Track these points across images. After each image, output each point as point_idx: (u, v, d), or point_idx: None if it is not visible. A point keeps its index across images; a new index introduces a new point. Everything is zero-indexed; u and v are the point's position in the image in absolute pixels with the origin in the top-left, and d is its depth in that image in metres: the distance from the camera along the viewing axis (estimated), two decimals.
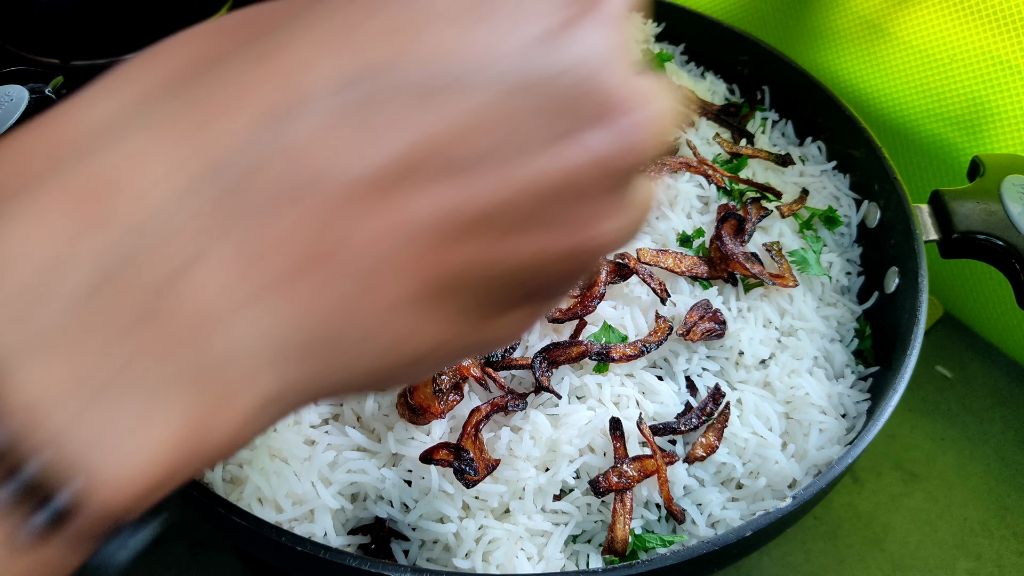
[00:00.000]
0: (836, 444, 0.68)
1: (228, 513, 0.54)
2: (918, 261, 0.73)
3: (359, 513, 0.61)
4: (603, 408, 0.64)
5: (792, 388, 0.70)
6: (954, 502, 0.88)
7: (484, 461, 0.60)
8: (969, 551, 0.84)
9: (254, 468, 0.60)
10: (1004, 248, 0.73)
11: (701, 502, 0.64)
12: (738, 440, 0.66)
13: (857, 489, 0.88)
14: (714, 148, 0.88)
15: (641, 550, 0.61)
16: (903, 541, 0.84)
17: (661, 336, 0.68)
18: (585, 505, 0.62)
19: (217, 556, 0.79)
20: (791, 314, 0.75)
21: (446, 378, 0.62)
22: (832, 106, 0.90)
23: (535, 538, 0.60)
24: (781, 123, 0.97)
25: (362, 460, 0.61)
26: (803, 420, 0.68)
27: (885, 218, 0.82)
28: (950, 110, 0.94)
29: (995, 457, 0.92)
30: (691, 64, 1.04)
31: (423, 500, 0.60)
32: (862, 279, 0.83)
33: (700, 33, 1.02)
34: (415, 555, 0.61)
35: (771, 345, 0.72)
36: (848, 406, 0.72)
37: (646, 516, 0.63)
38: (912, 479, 0.89)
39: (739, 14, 1.14)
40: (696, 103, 0.93)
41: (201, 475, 0.63)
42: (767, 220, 0.81)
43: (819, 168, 0.90)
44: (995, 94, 0.90)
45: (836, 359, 0.75)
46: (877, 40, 0.99)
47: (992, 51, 0.88)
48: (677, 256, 0.74)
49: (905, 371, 0.66)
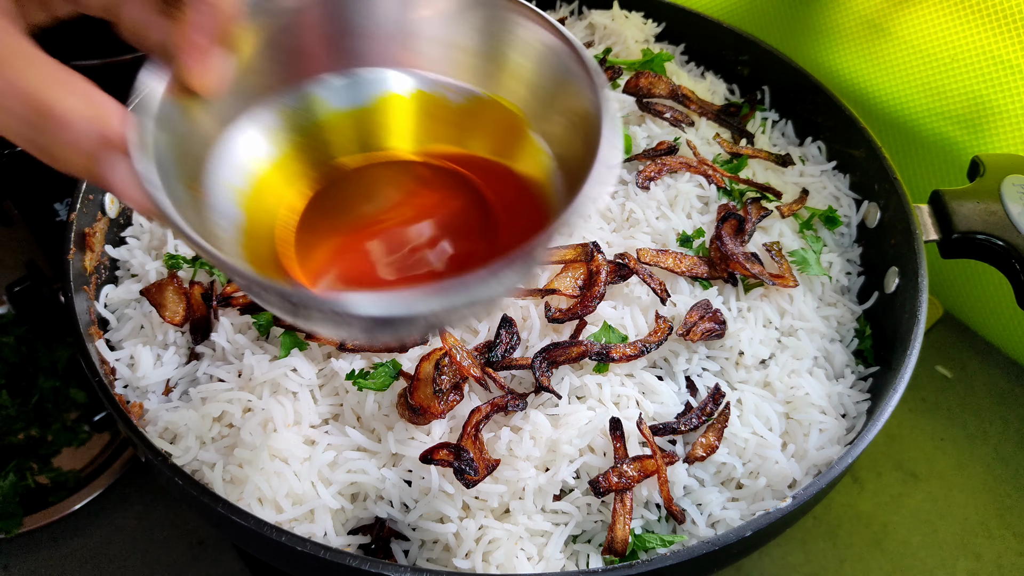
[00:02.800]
0: (836, 444, 0.68)
1: (228, 513, 0.54)
2: (918, 261, 0.73)
3: (359, 513, 0.61)
4: (603, 408, 0.64)
5: (792, 388, 0.70)
6: (954, 502, 0.88)
7: (484, 461, 0.60)
8: (969, 551, 0.84)
9: (254, 468, 0.60)
10: (1004, 248, 0.73)
11: (701, 502, 0.64)
12: (738, 440, 0.66)
13: (857, 489, 0.88)
14: (714, 148, 0.88)
15: (641, 550, 0.61)
16: (903, 541, 0.84)
17: (661, 336, 0.68)
18: (585, 505, 0.62)
19: (218, 556, 0.79)
20: (791, 314, 0.75)
21: (446, 378, 0.62)
22: (832, 106, 0.90)
23: (535, 538, 0.60)
24: (781, 123, 0.97)
25: (362, 460, 0.61)
26: (803, 420, 0.68)
27: (885, 218, 0.82)
28: (951, 109, 0.94)
29: (995, 457, 0.92)
30: (691, 64, 1.04)
31: (423, 500, 0.60)
32: (862, 279, 0.83)
33: (700, 33, 1.02)
34: (415, 555, 0.61)
35: (771, 345, 0.72)
36: (848, 406, 0.72)
37: (646, 516, 0.63)
38: (912, 479, 0.89)
39: (739, 14, 1.14)
40: (696, 103, 0.92)
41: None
42: (767, 220, 0.81)
43: (819, 168, 0.90)
44: (996, 93, 0.90)
45: (836, 359, 0.75)
46: (878, 39, 0.99)
47: (993, 50, 0.88)
48: (677, 256, 0.74)
49: (905, 371, 0.66)
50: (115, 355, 0.69)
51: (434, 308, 0.40)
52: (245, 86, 0.49)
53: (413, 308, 0.39)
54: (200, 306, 0.70)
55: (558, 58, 0.48)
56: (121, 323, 0.73)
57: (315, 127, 0.52)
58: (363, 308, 0.39)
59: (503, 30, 0.50)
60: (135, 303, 0.73)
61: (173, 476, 0.56)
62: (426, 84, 0.53)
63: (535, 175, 0.50)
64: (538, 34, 0.48)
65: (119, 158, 0.40)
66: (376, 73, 0.53)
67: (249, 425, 0.62)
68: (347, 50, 0.52)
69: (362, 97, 0.53)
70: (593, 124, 0.45)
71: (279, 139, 0.51)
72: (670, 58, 0.96)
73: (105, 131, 0.40)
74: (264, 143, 0.50)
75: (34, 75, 0.39)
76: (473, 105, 0.52)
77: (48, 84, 0.39)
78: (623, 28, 1.00)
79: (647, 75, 0.91)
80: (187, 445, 0.63)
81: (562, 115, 0.49)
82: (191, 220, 0.41)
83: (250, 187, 0.49)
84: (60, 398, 0.88)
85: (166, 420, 0.65)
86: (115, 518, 0.81)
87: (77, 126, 0.39)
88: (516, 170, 0.51)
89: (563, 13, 1.06)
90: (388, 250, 0.50)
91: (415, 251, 0.49)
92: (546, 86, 0.49)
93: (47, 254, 0.98)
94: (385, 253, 0.50)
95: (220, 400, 0.64)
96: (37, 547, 0.79)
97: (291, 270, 0.48)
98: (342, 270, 0.49)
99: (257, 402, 0.64)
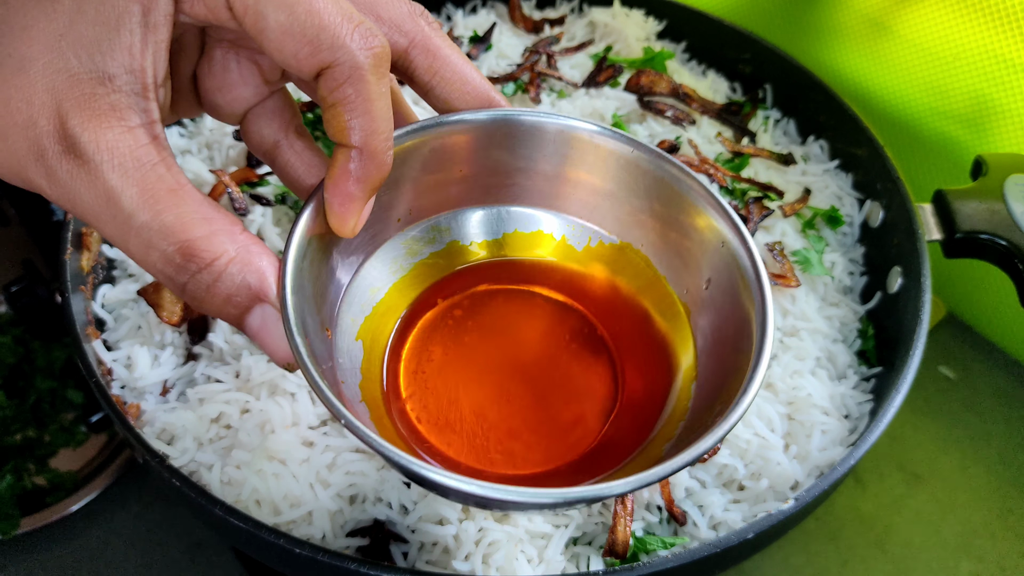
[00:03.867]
0: (838, 445, 0.67)
1: (226, 515, 0.53)
2: (921, 261, 0.73)
3: (358, 515, 0.61)
4: None
5: (794, 389, 0.70)
6: (957, 504, 0.87)
7: None
8: (972, 553, 0.84)
9: (252, 470, 0.59)
10: (1007, 248, 0.73)
11: (703, 504, 0.64)
12: (740, 441, 0.66)
13: (860, 491, 0.88)
14: (716, 147, 0.88)
15: (642, 552, 0.60)
16: (906, 543, 0.84)
17: None
18: (586, 507, 0.61)
19: (215, 558, 0.78)
20: (793, 314, 0.75)
21: None
22: (834, 105, 0.89)
23: (535, 540, 0.60)
24: (783, 122, 0.97)
25: (361, 462, 0.61)
26: (805, 421, 0.68)
27: (888, 217, 0.81)
28: (954, 108, 0.94)
29: (998, 458, 0.91)
30: (693, 62, 1.03)
31: (422, 502, 0.60)
32: (865, 279, 0.82)
33: (702, 31, 1.02)
34: (414, 557, 0.60)
35: (773, 346, 0.72)
36: (851, 407, 0.71)
37: (647, 518, 0.63)
38: (915, 480, 0.89)
39: (741, 12, 1.14)
40: (698, 101, 0.92)
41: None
42: (769, 219, 0.81)
43: (821, 167, 0.89)
44: (999, 92, 0.89)
45: (839, 360, 0.74)
46: (880, 38, 0.99)
47: (996, 49, 0.88)
48: None
49: (908, 372, 0.65)
50: (112, 355, 0.69)
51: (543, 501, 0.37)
52: (380, 221, 0.47)
53: (523, 497, 0.36)
54: None
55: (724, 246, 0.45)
56: (118, 323, 0.72)
57: (444, 256, 0.50)
58: (475, 489, 0.36)
59: (672, 201, 0.47)
60: (132, 303, 0.73)
61: (170, 477, 0.55)
62: (576, 228, 0.51)
63: (676, 358, 0.47)
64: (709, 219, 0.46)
65: (268, 312, 0.39)
66: (521, 211, 0.51)
67: (247, 426, 0.62)
68: (491, 188, 0.50)
69: (500, 231, 0.51)
70: (747, 334, 0.42)
71: (406, 272, 0.49)
72: (671, 56, 0.96)
73: (255, 283, 0.38)
74: (389, 276, 0.49)
75: (183, 212, 0.37)
76: (621, 254, 0.50)
77: (197, 223, 0.37)
78: (624, 26, 1.00)
79: (648, 73, 0.90)
80: (184, 446, 0.63)
81: (719, 314, 0.46)
82: (324, 374, 0.39)
83: (367, 321, 0.47)
84: (57, 399, 0.87)
85: (163, 421, 0.64)
86: (112, 520, 0.80)
87: (226, 275, 0.38)
88: (658, 340, 0.48)
89: (563, 11, 1.06)
90: (505, 403, 0.47)
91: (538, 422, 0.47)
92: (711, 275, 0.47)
93: (44, 254, 0.97)
94: (502, 405, 0.47)
95: (217, 401, 0.64)
96: (34, 549, 0.78)
97: (402, 406, 0.46)
98: (452, 414, 0.47)
99: (255, 403, 0.63)
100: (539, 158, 0.49)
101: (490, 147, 0.48)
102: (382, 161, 0.40)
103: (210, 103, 0.45)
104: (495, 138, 0.48)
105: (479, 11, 1.06)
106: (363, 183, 0.41)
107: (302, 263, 0.40)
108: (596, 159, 0.48)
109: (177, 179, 0.38)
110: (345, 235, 0.42)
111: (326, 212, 0.41)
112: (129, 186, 0.36)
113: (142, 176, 0.37)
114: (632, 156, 0.47)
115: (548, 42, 0.98)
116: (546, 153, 0.49)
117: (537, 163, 0.49)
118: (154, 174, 0.37)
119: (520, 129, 0.48)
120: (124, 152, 0.36)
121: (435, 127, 0.46)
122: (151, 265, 0.38)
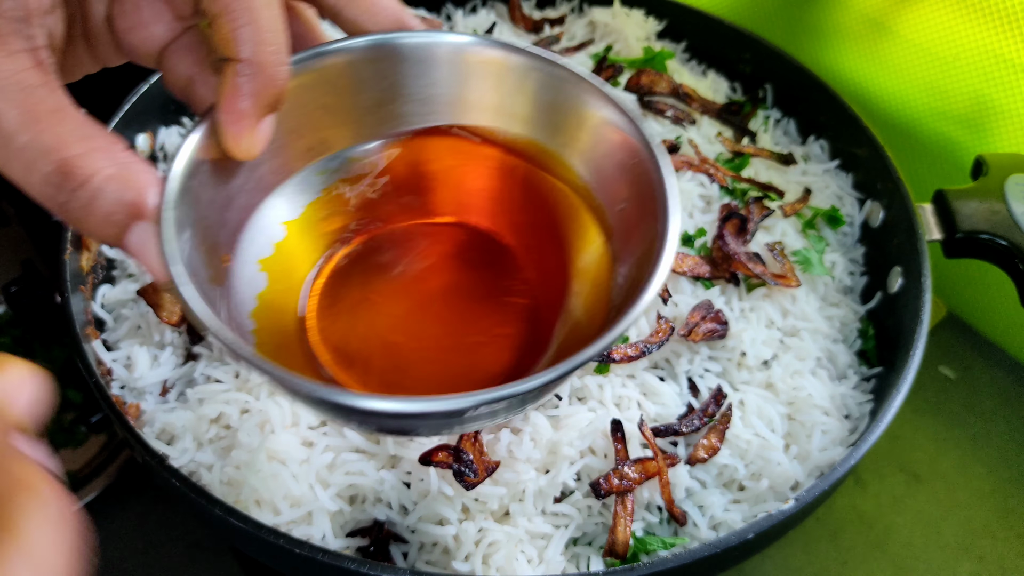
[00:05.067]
0: (839, 445, 0.67)
1: (225, 515, 0.53)
2: (921, 261, 0.73)
3: (357, 515, 0.61)
4: (604, 409, 0.64)
5: (795, 389, 0.70)
6: (957, 504, 0.87)
7: (484, 463, 0.59)
8: (972, 553, 0.83)
9: (251, 470, 0.59)
10: (1008, 248, 0.73)
11: (703, 504, 0.64)
12: (740, 442, 0.66)
13: (860, 491, 0.88)
14: (716, 147, 0.88)
15: (642, 553, 0.60)
16: (906, 543, 0.84)
17: (663, 337, 0.67)
18: (586, 507, 0.61)
19: (214, 558, 0.78)
20: (794, 314, 0.75)
21: None
22: (835, 105, 0.89)
23: (535, 541, 0.60)
24: (784, 121, 0.96)
25: (360, 462, 0.61)
26: (806, 421, 0.68)
27: (888, 217, 0.81)
28: (954, 108, 0.94)
29: (999, 458, 0.91)
30: (693, 62, 1.03)
31: (422, 502, 0.60)
32: (865, 279, 0.82)
33: (702, 31, 1.02)
34: (414, 558, 0.60)
35: (774, 346, 0.72)
36: (851, 407, 0.71)
37: (647, 518, 0.62)
38: (915, 481, 0.89)
39: (741, 12, 1.13)
40: (698, 101, 0.92)
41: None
42: (769, 219, 0.81)
43: (822, 167, 0.89)
44: (999, 92, 0.89)
45: (839, 360, 0.74)
46: (880, 38, 0.99)
47: (996, 49, 0.88)
48: (679, 256, 0.73)
49: (908, 372, 0.65)
50: (111, 356, 0.69)
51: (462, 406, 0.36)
52: (289, 150, 0.46)
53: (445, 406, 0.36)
54: None
55: (616, 132, 0.45)
56: (118, 323, 0.72)
57: (354, 190, 0.50)
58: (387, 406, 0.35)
59: (560, 98, 0.47)
60: (132, 303, 0.73)
61: (170, 478, 0.55)
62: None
63: (585, 252, 0.47)
64: (597, 107, 0.46)
65: (148, 230, 0.38)
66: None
67: (246, 426, 0.62)
68: (398, 115, 0.49)
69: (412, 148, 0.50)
70: (652, 208, 0.42)
71: (313, 201, 0.48)
72: (671, 56, 0.96)
73: (134, 199, 0.37)
74: (297, 206, 0.48)
75: (63, 131, 0.37)
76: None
77: (75, 142, 0.37)
78: (624, 26, 1.00)
79: (648, 73, 0.90)
80: (184, 446, 0.63)
81: (619, 196, 0.46)
82: (212, 298, 0.38)
83: (276, 251, 0.47)
84: (57, 399, 0.87)
85: (163, 421, 0.64)
86: (112, 520, 0.80)
87: (105, 192, 0.37)
88: (566, 245, 0.48)
89: (563, 10, 1.06)
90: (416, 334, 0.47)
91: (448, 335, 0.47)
92: (603, 161, 0.47)
93: (43, 254, 0.97)
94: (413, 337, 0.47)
95: (217, 401, 0.64)
96: None
97: (311, 338, 0.46)
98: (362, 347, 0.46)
99: (254, 403, 0.63)
100: (447, 79, 0.48)
101: (405, 71, 0.47)
102: (274, 74, 0.39)
103: (128, 45, 0.45)
104: (410, 61, 0.46)
105: (479, 11, 1.06)
106: (255, 98, 0.39)
107: (190, 182, 0.39)
108: (496, 72, 0.48)
109: (59, 102, 0.38)
110: (240, 156, 0.41)
111: (218, 131, 0.40)
112: (9, 108, 0.36)
113: (23, 98, 0.37)
114: (526, 63, 0.47)
115: (548, 42, 0.98)
116: (456, 73, 0.48)
117: (447, 85, 0.49)
118: (35, 96, 0.37)
119: (431, 51, 0.47)
120: (4, 75, 0.37)
121: (341, 52, 0.45)
122: (33, 187, 0.37)
